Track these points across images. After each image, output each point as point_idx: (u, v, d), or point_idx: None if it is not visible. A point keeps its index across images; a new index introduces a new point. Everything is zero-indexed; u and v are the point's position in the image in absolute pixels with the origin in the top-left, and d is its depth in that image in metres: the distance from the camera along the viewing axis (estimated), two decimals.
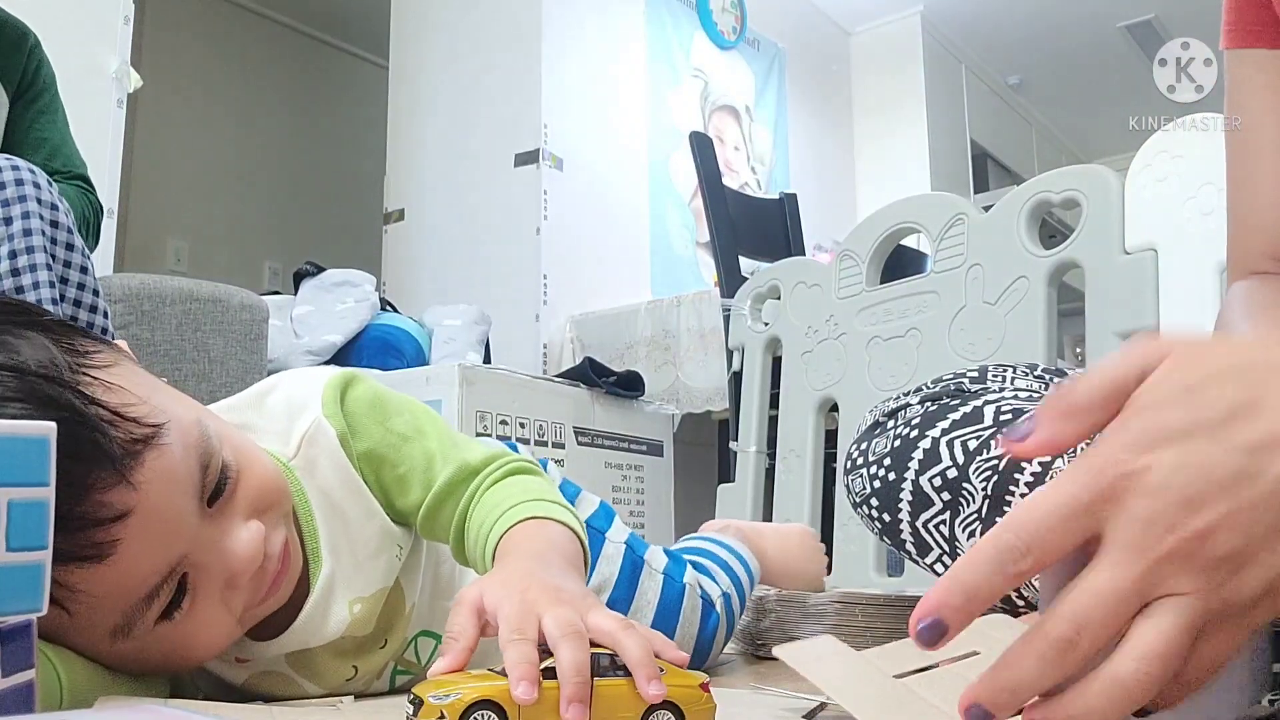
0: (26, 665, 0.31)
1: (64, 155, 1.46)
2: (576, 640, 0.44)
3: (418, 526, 0.67)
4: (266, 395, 0.67)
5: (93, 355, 0.51)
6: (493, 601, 0.48)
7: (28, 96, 1.44)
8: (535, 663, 0.43)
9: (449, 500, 0.66)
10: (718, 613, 0.90)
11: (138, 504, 0.48)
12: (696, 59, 3.54)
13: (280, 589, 0.58)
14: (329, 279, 2.38)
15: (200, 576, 0.53)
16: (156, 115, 3.61)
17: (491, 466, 0.66)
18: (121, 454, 0.47)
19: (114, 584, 0.49)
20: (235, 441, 0.57)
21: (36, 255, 1.06)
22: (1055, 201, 1.37)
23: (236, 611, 0.56)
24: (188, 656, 0.56)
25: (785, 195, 2.66)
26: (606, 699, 0.44)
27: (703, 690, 0.46)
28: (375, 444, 0.66)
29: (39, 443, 0.29)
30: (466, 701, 0.42)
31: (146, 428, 0.49)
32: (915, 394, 0.84)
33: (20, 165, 1.10)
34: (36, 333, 0.49)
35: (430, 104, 3.14)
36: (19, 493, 0.29)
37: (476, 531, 0.62)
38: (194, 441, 0.52)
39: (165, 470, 0.50)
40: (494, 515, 0.61)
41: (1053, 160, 5.21)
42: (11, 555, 0.29)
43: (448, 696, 0.42)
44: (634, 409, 2.37)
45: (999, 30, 4.60)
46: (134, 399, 0.50)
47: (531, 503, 0.62)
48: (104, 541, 0.47)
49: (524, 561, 0.55)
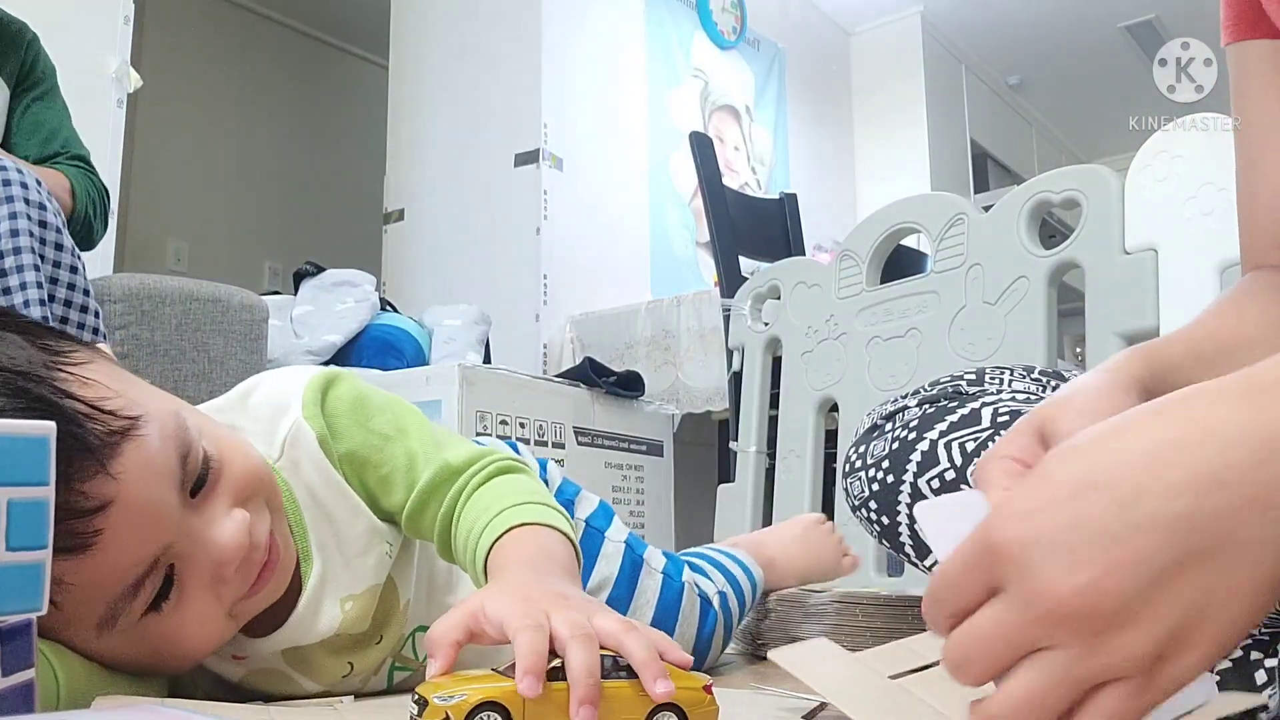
0: (26, 665, 0.31)
1: (63, 137, 1.46)
2: (586, 642, 0.44)
3: (403, 526, 0.67)
4: (249, 396, 0.67)
5: (68, 354, 0.51)
6: (495, 609, 0.47)
7: (25, 86, 1.45)
8: (545, 654, 0.43)
9: (432, 501, 0.65)
10: (715, 610, 0.91)
11: (118, 494, 0.48)
12: (696, 59, 3.54)
13: (270, 581, 0.58)
14: (329, 279, 2.38)
15: (186, 568, 0.53)
16: (156, 115, 3.61)
17: (475, 467, 0.66)
18: (99, 445, 0.48)
19: (97, 575, 0.49)
20: (216, 433, 0.57)
21: (24, 256, 1.06)
22: (1055, 201, 1.37)
23: (227, 604, 0.56)
24: (178, 652, 0.56)
25: (785, 195, 2.66)
26: (611, 700, 0.44)
27: (706, 692, 0.46)
28: (357, 445, 0.66)
29: (39, 442, 0.29)
30: (472, 703, 0.42)
31: (123, 419, 0.50)
32: (913, 396, 0.84)
33: (8, 166, 1.10)
34: (11, 332, 0.50)
35: (430, 104, 3.15)
36: (19, 492, 0.29)
37: (465, 536, 0.62)
38: (171, 433, 0.52)
39: (144, 461, 0.50)
40: (483, 520, 0.61)
41: (1053, 160, 5.22)
42: (11, 555, 0.29)
43: (452, 698, 0.42)
44: (634, 409, 2.37)
45: (999, 30, 4.60)
46: (110, 393, 0.50)
47: (521, 507, 0.61)
48: (85, 532, 0.47)
49: (521, 572, 0.54)
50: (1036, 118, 5.44)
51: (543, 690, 0.42)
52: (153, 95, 3.26)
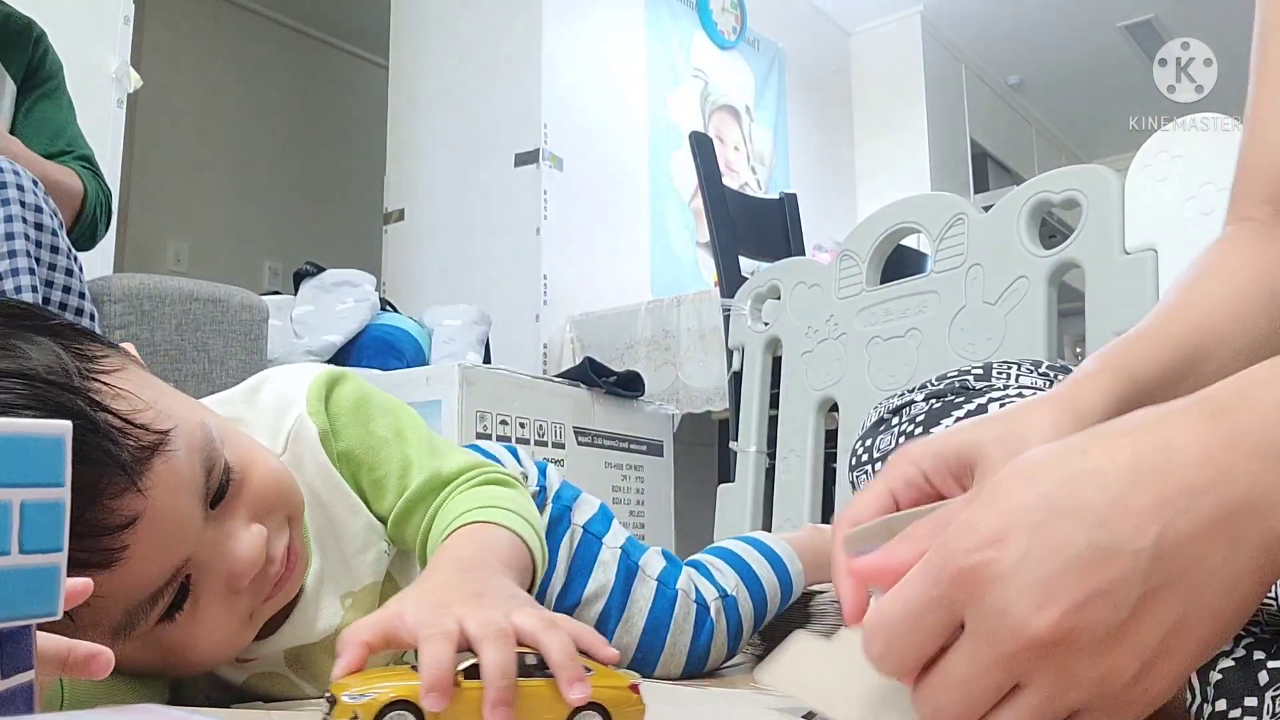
0: (26, 666, 0.31)
1: (68, 136, 1.46)
2: (500, 640, 0.43)
3: (389, 532, 0.67)
4: (257, 390, 0.67)
5: (100, 360, 0.51)
6: (411, 614, 0.45)
7: (33, 83, 1.45)
8: (450, 665, 0.42)
9: (418, 509, 0.65)
10: (712, 619, 0.89)
11: (145, 509, 0.48)
12: (696, 59, 3.54)
13: (286, 587, 0.58)
14: (329, 279, 2.38)
15: (202, 578, 0.54)
16: (157, 115, 3.61)
17: (464, 478, 0.65)
18: (131, 460, 0.48)
19: (119, 586, 0.49)
20: (238, 442, 0.57)
21: (19, 259, 1.06)
22: (1055, 201, 1.37)
23: (241, 614, 0.56)
24: (189, 658, 0.56)
25: (785, 195, 2.66)
26: (530, 700, 0.42)
27: (632, 691, 0.45)
28: (354, 445, 0.66)
29: (54, 443, 0.29)
30: (382, 701, 0.41)
31: (155, 434, 0.50)
32: (920, 391, 0.84)
33: (4, 167, 1.10)
34: (45, 337, 0.49)
35: (431, 104, 3.15)
36: (33, 494, 0.29)
37: (435, 541, 0.61)
38: (198, 444, 0.53)
39: (172, 475, 0.50)
40: (444, 522, 0.61)
41: (1052, 160, 5.22)
42: (26, 558, 0.29)
43: (363, 695, 0.41)
44: (634, 409, 2.37)
45: (999, 30, 4.60)
46: (142, 404, 0.50)
47: (485, 509, 0.60)
48: (112, 548, 0.47)
49: (445, 572, 0.53)
50: (1036, 117, 5.44)
51: (457, 691, 0.41)
52: (153, 95, 3.26)
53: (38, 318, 0.51)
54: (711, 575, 0.93)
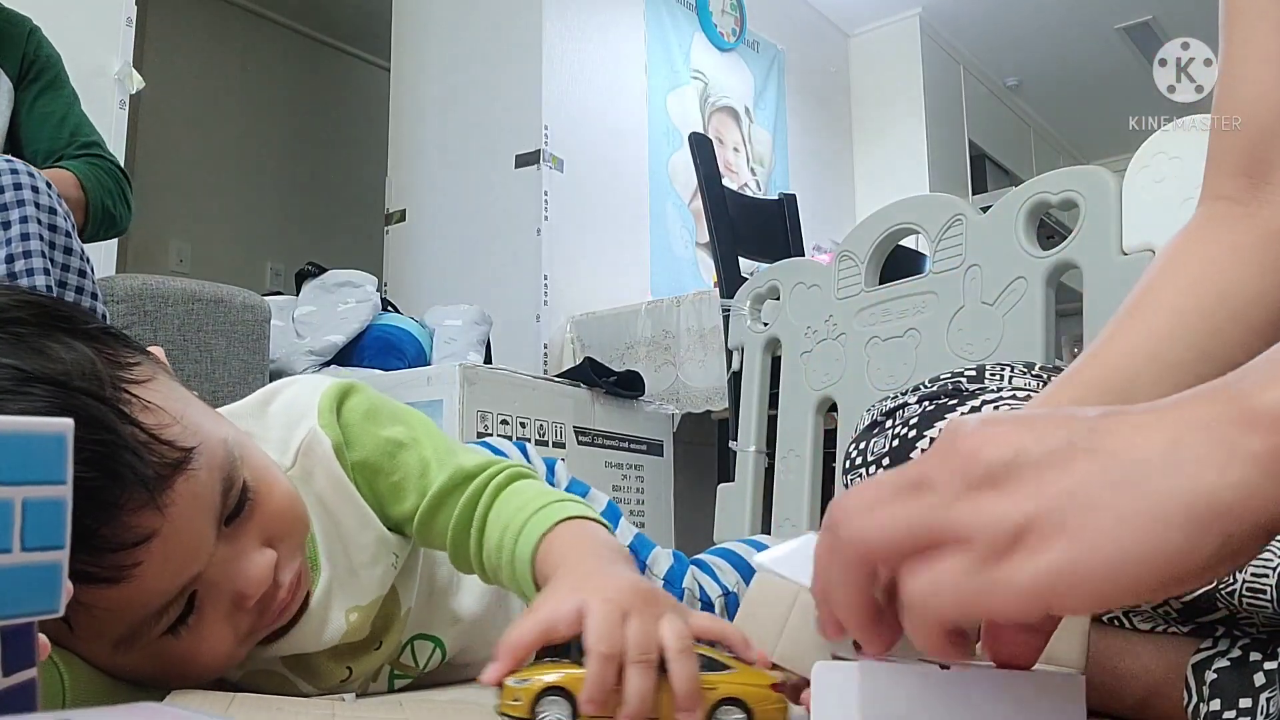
0: (28, 664, 0.31)
1: (72, 124, 1.46)
2: (690, 656, 0.46)
3: (414, 533, 0.67)
4: (268, 403, 0.67)
5: (132, 369, 0.51)
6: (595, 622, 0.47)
7: (30, 77, 1.45)
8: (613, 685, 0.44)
9: (445, 505, 0.65)
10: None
11: (162, 526, 0.48)
12: (696, 60, 3.54)
13: (288, 611, 0.59)
14: (331, 279, 2.38)
15: (209, 594, 0.54)
16: (159, 116, 3.62)
17: (489, 472, 0.65)
18: (154, 477, 0.48)
19: (126, 601, 0.49)
20: (256, 461, 0.57)
21: (34, 260, 1.06)
22: (1053, 202, 1.37)
23: (241, 632, 0.56)
24: (186, 671, 0.56)
25: (785, 196, 2.66)
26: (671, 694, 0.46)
27: (775, 690, 0.47)
28: (369, 453, 0.66)
29: (55, 439, 0.29)
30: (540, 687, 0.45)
31: (179, 451, 0.49)
32: (913, 393, 0.84)
33: (20, 169, 1.10)
34: (80, 341, 0.49)
35: (431, 105, 3.15)
36: (35, 491, 0.29)
37: (500, 536, 0.61)
38: (219, 463, 0.53)
39: (191, 494, 0.50)
40: (518, 522, 0.60)
41: (1050, 161, 5.22)
42: (28, 555, 0.29)
43: (525, 681, 0.45)
44: (634, 409, 2.37)
45: (997, 31, 4.60)
46: (169, 419, 0.50)
47: (559, 504, 0.61)
48: (125, 564, 0.47)
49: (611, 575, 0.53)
50: (1034, 119, 5.45)
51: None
52: (155, 97, 3.27)
53: (76, 320, 0.51)
54: (714, 573, 0.94)
